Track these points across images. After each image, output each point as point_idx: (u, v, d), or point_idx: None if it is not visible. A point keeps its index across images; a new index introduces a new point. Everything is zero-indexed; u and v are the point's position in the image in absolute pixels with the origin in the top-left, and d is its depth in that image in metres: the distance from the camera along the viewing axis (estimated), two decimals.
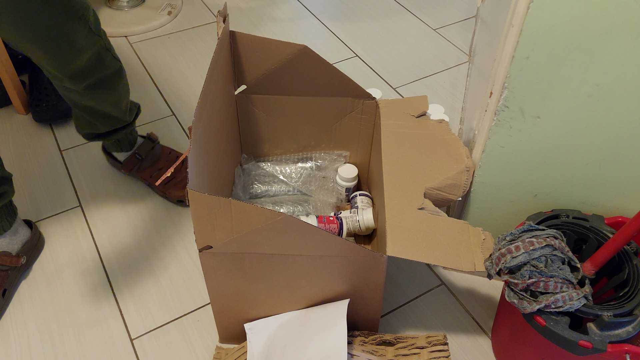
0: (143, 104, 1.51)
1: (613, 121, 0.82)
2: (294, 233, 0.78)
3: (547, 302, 0.76)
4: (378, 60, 1.65)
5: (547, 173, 0.92)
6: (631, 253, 0.84)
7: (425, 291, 1.10)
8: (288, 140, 1.17)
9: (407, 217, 0.87)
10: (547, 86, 0.81)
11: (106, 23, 1.76)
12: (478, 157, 0.94)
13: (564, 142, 0.87)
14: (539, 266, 0.77)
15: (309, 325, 0.89)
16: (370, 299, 0.90)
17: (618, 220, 0.90)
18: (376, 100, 1.08)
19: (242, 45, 1.01)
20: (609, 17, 0.72)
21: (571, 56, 0.77)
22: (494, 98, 0.87)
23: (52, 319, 1.06)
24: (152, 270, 1.13)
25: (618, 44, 0.74)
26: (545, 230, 0.81)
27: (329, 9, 1.88)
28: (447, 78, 1.59)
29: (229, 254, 0.82)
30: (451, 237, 0.86)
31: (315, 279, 0.86)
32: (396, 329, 1.03)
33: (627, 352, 0.74)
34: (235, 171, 1.15)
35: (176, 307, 1.07)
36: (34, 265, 1.14)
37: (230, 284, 0.88)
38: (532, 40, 0.76)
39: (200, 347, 1.02)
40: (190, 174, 0.73)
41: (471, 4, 1.88)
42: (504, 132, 0.88)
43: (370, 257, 0.82)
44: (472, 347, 1.01)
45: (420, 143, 1.00)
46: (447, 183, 0.94)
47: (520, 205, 0.99)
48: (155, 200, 1.26)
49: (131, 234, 1.20)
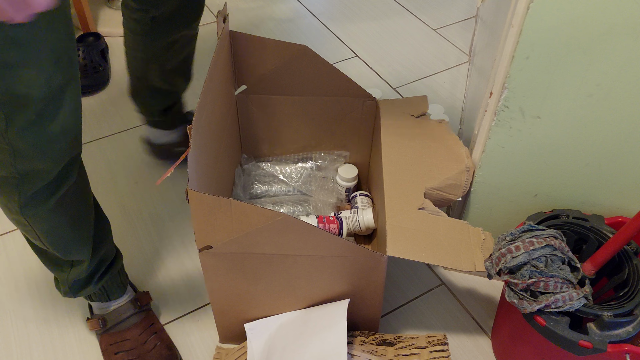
0: None
1: (613, 121, 0.82)
2: (294, 233, 0.78)
3: (547, 302, 0.76)
4: (378, 60, 1.65)
5: (547, 173, 0.92)
6: (631, 253, 0.84)
7: (426, 291, 1.10)
8: (288, 140, 1.17)
9: (407, 217, 0.87)
10: (547, 86, 0.81)
11: (106, 23, 1.76)
12: (478, 157, 0.94)
13: (564, 142, 0.87)
14: (539, 266, 0.77)
15: (309, 325, 0.89)
16: (370, 299, 0.90)
17: (618, 220, 0.90)
18: (376, 100, 1.08)
19: (242, 46, 1.01)
20: (609, 17, 0.72)
21: (571, 56, 0.77)
22: (494, 98, 0.87)
23: (52, 319, 1.06)
24: (152, 270, 1.13)
25: (618, 44, 0.74)
26: (545, 230, 0.81)
27: (329, 9, 1.87)
28: (447, 78, 1.59)
29: (229, 254, 0.82)
30: (451, 237, 0.86)
31: (315, 279, 0.86)
32: (396, 329, 1.03)
33: (627, 352, 0.74)
34: (236, 171, 1.15)
35: (176, 307, 1.07)
36: (34, 265, 1.14)
37: (230, 284, 0.88)
38: (532, 40, 0.76)
39: (200, 347, 1.02)
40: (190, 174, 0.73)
41: (471, 4, 1.88)
42: (504, 132, 0.88)
43: (371, 257, 0.82)
44: (472, 347, 1.01)
45: (420, 143, 1.00)
46: (447, 183, 0.94)
47: (520, 205, 0.99)
48: (155, 200, 1.26)
49: (131, 233, 1.20)
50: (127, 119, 1.46)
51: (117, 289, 0.98)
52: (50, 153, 0.73)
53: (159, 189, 1.29)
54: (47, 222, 0.80)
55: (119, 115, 1.48)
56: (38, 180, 0.74)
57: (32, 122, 0.68)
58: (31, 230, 0.81)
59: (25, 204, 0.76)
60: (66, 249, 0.86)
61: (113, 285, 0.97)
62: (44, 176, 0.74)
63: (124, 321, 0.98)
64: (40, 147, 0.71)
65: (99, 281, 0.94)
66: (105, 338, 0.98)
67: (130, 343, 0.97)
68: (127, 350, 0.96)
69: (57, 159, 0.75)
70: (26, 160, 0.71)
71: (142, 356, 0.96)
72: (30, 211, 0.77)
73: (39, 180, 0.74)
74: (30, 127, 0.68)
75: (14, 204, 0.76)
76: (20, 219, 0.79)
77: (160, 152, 1.30)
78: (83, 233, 0.87)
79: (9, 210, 0.78)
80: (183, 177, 1.30)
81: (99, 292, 0.96)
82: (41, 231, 0.81)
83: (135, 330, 0.98)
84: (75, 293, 0.94)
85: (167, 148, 1.28)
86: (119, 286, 0.98)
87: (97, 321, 0.98)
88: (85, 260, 0.89)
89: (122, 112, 1.49)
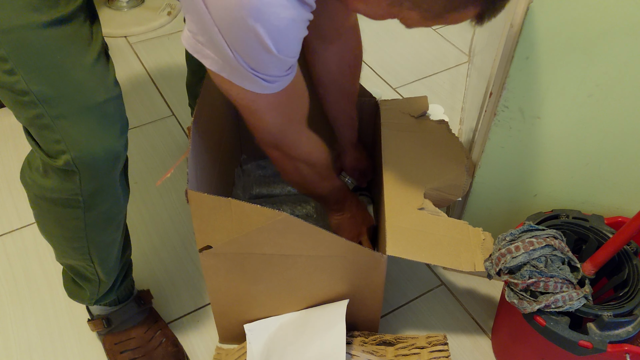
0: (143, 104, 1.51)
1: (612, 121, 0.82)
2: (294, 233, 0.78)
3: (547, 302, 0.76)
4: (378, 60, 1.65)
5: (547, 173, 0.92)
6: (631, 253, 0.84)
7: (425, 291, 1.10)
8: None
9: (407, 217, 0.87)
10: (546, 86, 0.81)
11: (106, 23, 1.76)
12: (478, 157, 0.94)
13: (564, 142, 0.87)
14: (539, 266, 0.77)
15: (308, 326, 0.89)
16: (370, 299, 0.90)
17: (618, 220, 0.90)
18: (376, 100, 1.08)
19: None
20: (609, 17, 0.72)
21: (571, 56, 0.77)
22: (493, 98, 0.87)
23: (52, 319, 1.06)
24: (152, 270, 1.13)
25: (617, 44, 0.74)
26: (545, 230, 0.81)
27: None
28: (446, 78, 1.59)
29: (229, 254, 0.82)
30: (451, 237, 0.86)
31: (315, 279, 0.86)
32: (396, 329, 1.03)
33: (627, 352, 0.74)
34: (235, 172, 1.15)
35: (176, 307, 1.07)
36: (34, 265, 1.14)
37: (230, 284, 0.88)
38: (532, 40, 0.76)
39: (200, 347, 1.01)
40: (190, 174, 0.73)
41: None
42: (504, 132, 0.88)
43: (370, 257, 0.82)
44: (472, 347, 1.01)
45: (420, 143, 1.00)
46: (447, 183, 0.94)
47: (520, 206, 0.99)
48: (155, 200, 1.26)
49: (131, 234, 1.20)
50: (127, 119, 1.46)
51: (127, 294, 0.98)
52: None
53: (159, 189, 1.29)
54: (105, 247, 0.83)
55: None
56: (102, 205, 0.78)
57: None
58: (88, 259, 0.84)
59: (87, 224, 0.78)
60: (111, 269, 0.88)
61: (125, 291, 0.97)
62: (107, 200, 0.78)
63: (128, 320, 0.98)
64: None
65: (118, 288, 0.94)
66: (109, 338, 0.98)
67: (136, 341, 0.96)
68: (133, 349, 0.96)
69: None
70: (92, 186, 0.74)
71: (149, 354, 0.95)
72: (96, 237, 0.81)
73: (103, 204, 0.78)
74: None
75: (79, 224, 0.79)
76: (83, 246, 0.81)
77: None
78: (116, 247, 0.87)
79: (68, 229, 0.80)
80: (183, 177, 1.30)
81: (114, 299, 0.96)
82: (98, 256, 0.84)
83: (140, 328, 0.98)
84: (99, 302, 0.94)
85: None
86: (129, 290, 0.98)
87: (100, 321, 0.97)
88: (111, 276, 0.90)
89: None
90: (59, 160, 0.70)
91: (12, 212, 1.24)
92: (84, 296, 0.92)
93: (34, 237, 1.19)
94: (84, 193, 0.73)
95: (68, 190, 0.73)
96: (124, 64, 1.64)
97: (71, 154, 0.69)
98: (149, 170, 1.33)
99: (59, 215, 0.77)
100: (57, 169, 0.71)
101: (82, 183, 0.72)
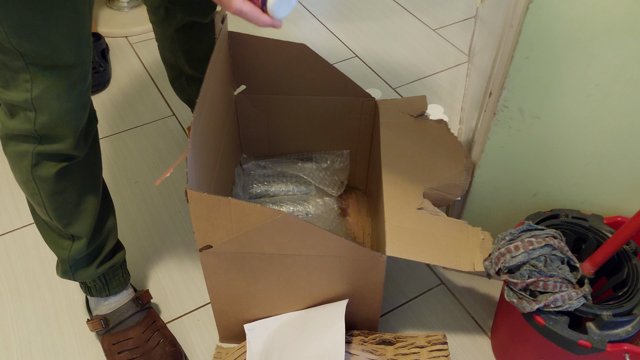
0: (143, 104, 1.51)
1: (612, 121, 0.83)
2: (294, 232, 0.78)
3: (546, 302, 0.76)
4: (377, 61, 1.66)
5: (547, 173, 0.92)
6: (630, 253, 0.84)
7: (425, 291, 1.10)
8: (287, 140, 1.17)
9: (406, 217, 0.87)
10: (546, 86, 0.81)
11: (106, 23, 1.76)
12: (477, 157, 0.94)
13: (563, 142, 0.87)
14: (538, 266, 0.77)
15: (308, 325, 0.89)
16: (369, 299, 0.90)
17: (617, 220, 0.90)
18: (375, 100, 1.08)
19: (242, 45, 1.01)
20: (609, 17, 0.72)
21: (570, 56, 0.77)
22: (493, 98, 0.87)
23: (52, 319, 1.06)
24: (152, 269, 1.13)
25: (617, 44, 0.74)
26: (545, 230, 0.81)
27: (328, 9, 1.88)
28: (446, 78, 1.60)
29: (229, 254, 0.82)
30: (450, 236, 0.86)
31: (314, 278, 0.86)
32: (396, 328, 1.04)
33: (626, 351, 0.74)
34: (235, 171, 1.15)
35: (176, 306, 1.08)
36: (34, 265, 1.14)
37: (230, 284, 0.88)
38: (531, 40, 0.76)
39: (200, 346, 1.02)
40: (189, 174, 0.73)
41: (470, 4, 1.88)
42: (503, 132, 0.88)
43: (370, 257, 0.83)
44: (472, 347, 1.01)
45: (420, 143, 1.00)
46: (446, 183, 0.94)
47: (519, 205, 0.99)
48: (155, 200, 1.26)
49: (131, 233, 1.20)
50: (128, 119, 1.47)
51: (117, 283, 0.98)
52: (70, 122, 0.78)
53: (159, 188, 1.29)
54: (53, 186, 0.83)
55: (119, 115, 1.48)
56: (54, 144, 0.79)
57: (65, 87, 0.75)
58: (37, 195, 0.84)
59: (37, 163, 0.80)
60: (68, 220, 0.88)
61: (114, 278, 0.98)
62: (60, 141, 0.79)
63: (126, 320, 0.98)
64: (63, 114, 0.77)
65: (99, 266, 0.94)
66: (107, 338, 0.98)
67: (134, 341, 0.97)
68: (131, 349, 0.96)
69: (75, 128, 0.79)
70: (47, 124, 0.77)
71: (147, 354, 0.96)
72: (40, 172, 0.81)
73: (55, 143, 0.79)
74: (59, 93, 0.75)
75: (27, 162, 0.80)
76: (29, 179, 0.82)
77: None
78: (86, 206, 0.88)
79: (20, 170, 0.82)
80: (183, 177, 1.30)
81: (99, 283, 0.96)
82: (46, 195, 0.84)
83: (137, 328, 0.98)
84: (75, 273, 0.94)
85: None
86: (119, 280, 0.98)
87: (98, 321, 0.98)
88: (84, 237, 0.90)
89: (122, 112, 1.49)
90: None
91: (13, 212, 1.25)
92: (59, 259, 0.94)
93: (35, 237, 1.19)
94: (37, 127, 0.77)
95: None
96: (125, 64, 1.65)
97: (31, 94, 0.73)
98: (149, 169, 1.33)
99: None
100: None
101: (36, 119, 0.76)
